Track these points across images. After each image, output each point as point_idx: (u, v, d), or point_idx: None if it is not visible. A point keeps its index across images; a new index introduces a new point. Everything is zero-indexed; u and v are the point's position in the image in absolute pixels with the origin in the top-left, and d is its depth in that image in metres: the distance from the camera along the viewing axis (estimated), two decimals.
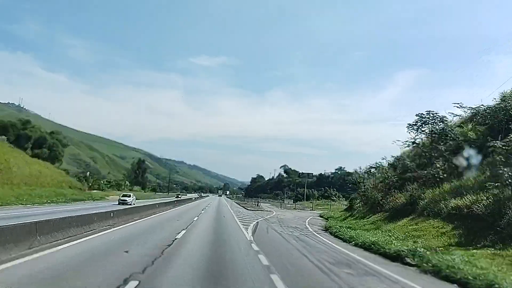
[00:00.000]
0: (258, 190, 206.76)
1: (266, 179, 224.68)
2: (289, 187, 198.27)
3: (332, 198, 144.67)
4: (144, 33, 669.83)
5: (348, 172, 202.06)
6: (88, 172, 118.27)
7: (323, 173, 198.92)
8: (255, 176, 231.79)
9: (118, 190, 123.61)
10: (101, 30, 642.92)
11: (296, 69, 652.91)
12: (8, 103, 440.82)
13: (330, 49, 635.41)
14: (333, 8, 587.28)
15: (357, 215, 38.40)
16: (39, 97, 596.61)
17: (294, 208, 69.67)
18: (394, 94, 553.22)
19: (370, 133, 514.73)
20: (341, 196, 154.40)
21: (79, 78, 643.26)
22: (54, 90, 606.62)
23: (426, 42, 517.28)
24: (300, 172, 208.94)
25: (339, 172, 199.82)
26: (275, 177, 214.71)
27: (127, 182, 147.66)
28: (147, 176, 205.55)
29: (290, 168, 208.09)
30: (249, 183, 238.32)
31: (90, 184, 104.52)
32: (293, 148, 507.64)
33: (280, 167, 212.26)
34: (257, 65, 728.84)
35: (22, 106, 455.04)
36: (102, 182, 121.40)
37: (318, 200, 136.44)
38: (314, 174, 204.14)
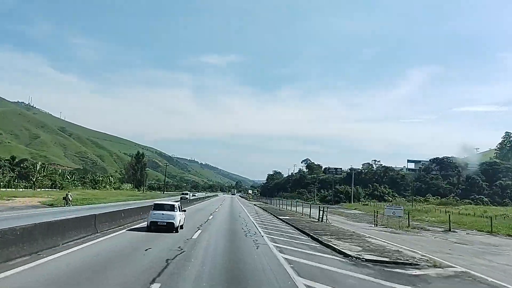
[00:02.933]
0: (276, 189, 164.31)
1: (284, 175, 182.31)
2: (314, 184, 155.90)
3: (385, 197, 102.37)
4: (154, 32, 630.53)
5: (385, 166, 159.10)
6: (39, 163, 77.90)
7: (353, 167, 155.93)
8: (271, 173, 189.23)
9: (94, 188, 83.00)
10: (111, 29, 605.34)
11: (306, 67, 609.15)
12: (18, 101, 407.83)
13: (341, 46, 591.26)
14: (343, 4, 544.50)
15: None
16: (50, 97, 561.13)
17: (409, 227, 27.11)
18: (406, 92, 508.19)
19: (383, 131, 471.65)
20: (396, 194, 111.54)
21: (90, 77, 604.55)
22: (65, 90, 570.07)
23: (439, 39, 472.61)
24: (326, 167, 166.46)
25: (373, 167, 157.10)
26: (295, 174, 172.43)
27: (111, 179, 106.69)
28: (147, 173, 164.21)
29: (314, 163, 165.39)
30: (265, 181, 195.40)
31: (35, 179, 64.02)
32: (305, 146, 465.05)
33: (302, 162, 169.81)
34: (267, 63, 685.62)
35: (31, 104, 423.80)
36: (64, 176, 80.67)
37: (365, 200, 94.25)
38: (343, 169, 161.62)
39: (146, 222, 17.84)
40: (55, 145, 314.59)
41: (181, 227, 18.26)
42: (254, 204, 64.14)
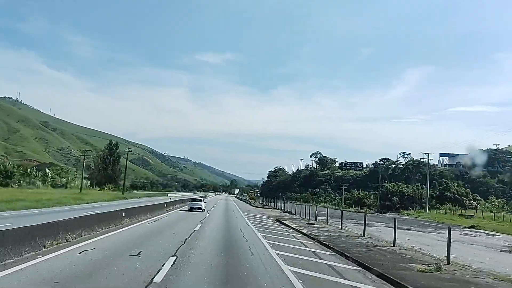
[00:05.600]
0: (279, 188, 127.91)
1: (289, 172, 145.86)
2: (328, 183, 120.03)
3: (463, 200, 64.26)
4: (149, 29, 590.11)
5: (418, 160, 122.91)
6: None
7: (377, 162, 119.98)
8: (273, 170, 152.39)
9: (5, 186, 46.52)
10: (106, 27, 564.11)
11: (303, 66, 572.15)
12: (5, 97, 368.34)
13: (338, 46, 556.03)
14: (340, 4, 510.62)
15: None
16: (42, 94, 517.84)
17: None
18: (402, 92, 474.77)
19: (379, 131, 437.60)
20: (478, 197, 73.29)
21: (84, 75, 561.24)
22: (59, 88, 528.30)
23: (435, 39, 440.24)
24: (343, 161, 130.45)
25: (400, 161, 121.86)
26: (303, 170, 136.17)
27: (48, 173, 69.54)
28: (121, 168, 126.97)
29: (327, 157, 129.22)
30: (265, 179, 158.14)
31: None
32: (301, 146, 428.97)
33: (311, 156, 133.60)
34: (263, 62, 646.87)
35: (19, 100, 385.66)
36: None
37: (437, 207, 57.47)
38: (364, 164, 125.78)
39: (187, 207, 34.13)
40: (35, 140, 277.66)
41: (204, 210, 33.70)
42: (279, 222, 26.24)
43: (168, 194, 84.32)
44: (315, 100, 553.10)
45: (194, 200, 35.68)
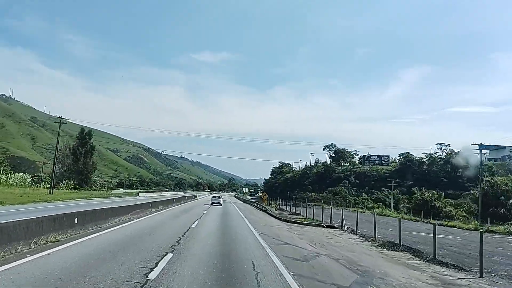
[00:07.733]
0: (286, 186, 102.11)
1: (296, 169, 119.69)
2: (348, 180, 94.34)
3: None
4: (148, 29, 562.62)
5: (456, 152, 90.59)
6: None
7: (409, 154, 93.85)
8: (277, 165, 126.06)
9: None
10: (102, 26, 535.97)
11: (302, 66, 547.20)
12: None
13: (337, 45, 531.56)
14: (340, 4, 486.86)
15: None
16: (41, 93, 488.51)
17: None
18: (402, 92, 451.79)
19: (378, 131, 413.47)
20: None
21: (81, 74, 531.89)
22: (55, 86, 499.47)
23: (435, 39, 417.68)
24: (365, 154, 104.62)
25: (434, 153, 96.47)
26: (314, 165, 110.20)
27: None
28: (96, 161, 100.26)
29: (345, 149, 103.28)
30: (270, 175, 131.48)
31: None
32: (300, 146, 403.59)
33: (324, 148, 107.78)
34: (262, 62, 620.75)
35: (13, 97, 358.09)
36: None
37: None
38: (391, 157, 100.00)
39: (210, 201, 46.59)
40: (22, 136, 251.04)
41: (221, 204, 45.86)
42: None
43: (140, 194, 58.31)
44: (314, 100, 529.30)
45: (214, 196, 51.40)
